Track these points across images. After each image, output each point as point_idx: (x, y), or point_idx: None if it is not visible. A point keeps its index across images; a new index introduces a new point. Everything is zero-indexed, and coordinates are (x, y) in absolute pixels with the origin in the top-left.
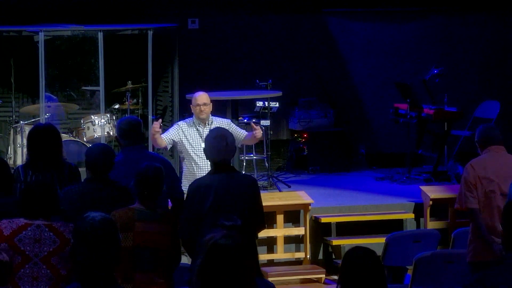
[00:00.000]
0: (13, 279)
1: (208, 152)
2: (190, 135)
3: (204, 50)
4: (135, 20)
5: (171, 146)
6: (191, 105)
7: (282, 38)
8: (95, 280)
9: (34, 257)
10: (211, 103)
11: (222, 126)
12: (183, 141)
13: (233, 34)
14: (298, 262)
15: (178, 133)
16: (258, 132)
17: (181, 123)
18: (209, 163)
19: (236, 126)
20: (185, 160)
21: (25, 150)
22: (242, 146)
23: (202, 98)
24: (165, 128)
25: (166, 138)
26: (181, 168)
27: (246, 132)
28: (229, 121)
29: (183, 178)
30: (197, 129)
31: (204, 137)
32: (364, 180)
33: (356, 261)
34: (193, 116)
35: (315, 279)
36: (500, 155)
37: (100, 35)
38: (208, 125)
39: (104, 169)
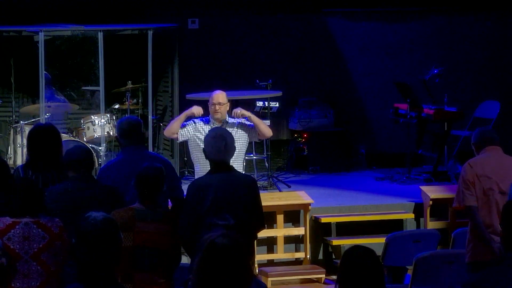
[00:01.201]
0: None
1: (207, 152)
2: (206, 133)
3: (204, 50)
4: (135, 20)
5: (182, 140)
6: (208, 103)
7: (282, 38)
8: (96, 279)
9: (24, 254)
10: (228, 103)
11: (235, 126)
12: (200, 139)
13: (233, 34)
14: (298, 262)
15: (191, 130)
16: (236, 113)
17: (197, 121)
18: None
19: (248, 123)
20: (199, 159)
21: (25, 150)
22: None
23: (218, 97)
24: (165, 128)
25: (181, 130)
26: (181, 168)
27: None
28: (241, 119)
29: (196, 176)
30: (211, 128)
31: None
32: (364, 180)
33: (355, 260)
34: (210, 114)
35: (315, 279)
36: (498, 155)
37: (100, 35)
38: (224, 124)
39: (88, 167)
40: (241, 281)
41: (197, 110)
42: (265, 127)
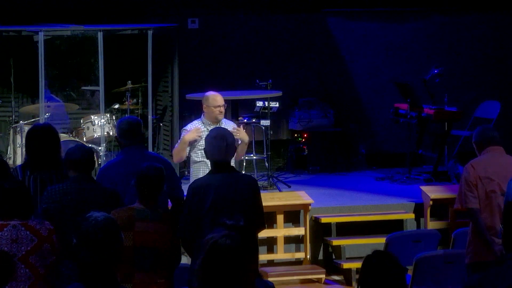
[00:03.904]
0: None
1: (208, 152)
2: (203, 134)
3: (204, 50)
4: (135, 20)
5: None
6: (206, 105)
7: (282, 38)
8: (97, 279)
9: (12, 257)
10: None
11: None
12: (198, 141)
13: (233, 34)
14: (298, 262)
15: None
16: (238, 132)
17: (193, 126)
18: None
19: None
20: (199, 160)
21: (24, 150)
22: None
23: (220, 99)
24: (165, 128)
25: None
26: (181, 168)
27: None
28: (235, 125)
29: (193, 178)
30: (208, 130)
31: None
32: (364, 180)
33: (377, 265)
34: (202, 116)
35: (315, 279)
36: (500, 155)
37: (100, 35)
38: (219, 125)
39: (89, 167)
40: (243, 281)
41: (193, 134)
42: (241, 152)
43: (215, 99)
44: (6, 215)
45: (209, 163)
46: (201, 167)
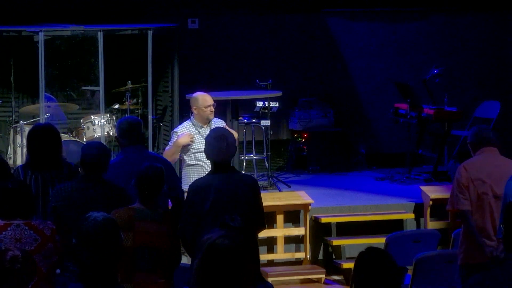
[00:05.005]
0: None
1: (208, 152)
2: (195, 137)
3: (204, 50)
4: (135, 20)
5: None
6: (196, 107)
7: (282, 38)
8: (97, 280)
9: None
10: None
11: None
12: (190, 145)
13: (233, 34)
14: (298, 262)
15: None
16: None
17: (184, 128)
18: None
19: None
20: (192, 164)
21: (25, 150)
22: (242, 146)
23: (210, 99)
24: (165, 128)
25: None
26: (181, 168)
27: None
28: (224, 123)
29: (185, 180)
30: (199, 131)
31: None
32: (364, 180)
33: (370, 262)
34: (192, 118)
35: (315, 279)
36: (494, 157)
37: (100, 35)
38: (209, 126)
39: (99, 168)
40: (242, 282)
41: (186, 138)
42: None
43: (205, 99)
44: (8, 214)
45: (203, 165)
46: (195, 170)
